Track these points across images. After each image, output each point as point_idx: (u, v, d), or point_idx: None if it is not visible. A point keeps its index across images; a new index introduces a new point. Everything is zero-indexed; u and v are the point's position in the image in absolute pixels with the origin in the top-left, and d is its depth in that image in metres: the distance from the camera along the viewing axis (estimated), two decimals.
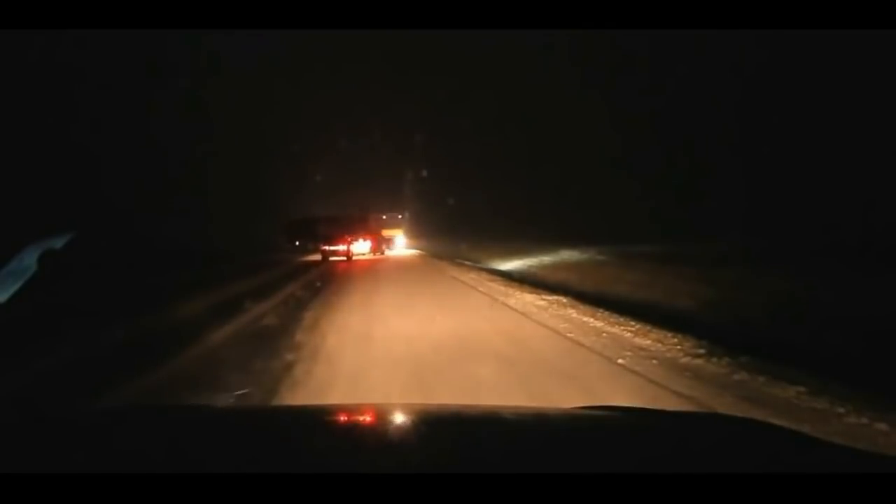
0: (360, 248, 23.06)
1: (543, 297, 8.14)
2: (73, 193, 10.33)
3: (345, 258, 21.25)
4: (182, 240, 14.30)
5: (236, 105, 20.10)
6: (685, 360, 4.33)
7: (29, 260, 10.22)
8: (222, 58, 17.33)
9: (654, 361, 4.31)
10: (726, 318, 5.85)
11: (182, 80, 14.03)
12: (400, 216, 32.17)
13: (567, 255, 13.83)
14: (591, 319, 6.15)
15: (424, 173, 32.04)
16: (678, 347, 4.69)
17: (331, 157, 31.88)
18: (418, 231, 31.08)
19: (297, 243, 27.84)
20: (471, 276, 12.38)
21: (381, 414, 1.39)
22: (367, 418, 1.33)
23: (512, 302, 7.95)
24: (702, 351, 4.49)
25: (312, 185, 31.57)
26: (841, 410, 2.96)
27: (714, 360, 4.23)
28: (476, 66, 21.95)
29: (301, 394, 3.67)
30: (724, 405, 3.20)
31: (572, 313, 6.66)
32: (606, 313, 6.40)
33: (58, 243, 10.77)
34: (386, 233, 30.52)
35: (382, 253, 25.81)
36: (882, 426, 2.68)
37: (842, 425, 2.79)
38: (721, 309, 6.31)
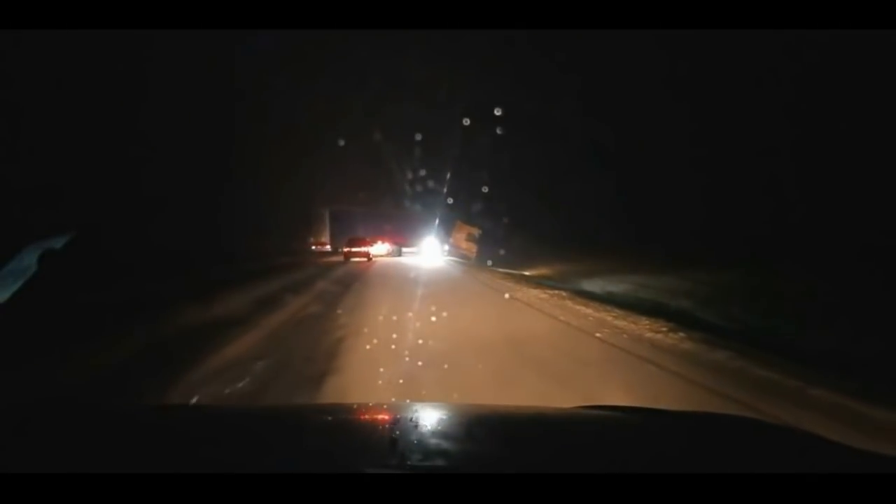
0: (379, 250, 26.38)
1: None
2: (76, 196, 10.73)
3: (365, 259, 23.27)
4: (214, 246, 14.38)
5: (246, 105, 20.01)
6: None
7: (29, 260, 10.62)
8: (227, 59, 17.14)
9: None
10: None
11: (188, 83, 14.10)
12: (479, 233, 29.88)
13: None
14: None
15: (423, 173, 29.14)
16: None
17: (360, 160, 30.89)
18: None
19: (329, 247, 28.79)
20: None
21: (382, 413, 1.42)
22: (366, 417, 1.36)
23: None
24: None
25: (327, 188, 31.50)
26: (755, 368, 3.99)
27: None
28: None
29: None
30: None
31: None
32: None
33: (58, 243, 11.18)
34: (465, 244, 30.84)
35: (400, 254, 28.79)
36: (774, 376, 3.71)
37: (747, 375, 3.82)
38: None
